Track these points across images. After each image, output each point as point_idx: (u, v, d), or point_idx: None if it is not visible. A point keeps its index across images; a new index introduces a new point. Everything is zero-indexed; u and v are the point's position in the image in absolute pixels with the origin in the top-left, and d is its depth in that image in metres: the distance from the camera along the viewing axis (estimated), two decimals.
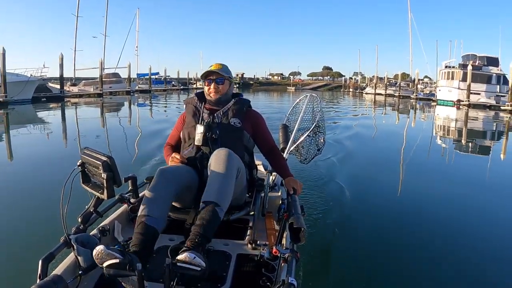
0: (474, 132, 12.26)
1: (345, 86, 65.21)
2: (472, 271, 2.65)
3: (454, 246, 3.06)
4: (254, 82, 75.48)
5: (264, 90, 60.73)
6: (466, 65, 25.16)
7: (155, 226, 1.57)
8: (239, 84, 65.28)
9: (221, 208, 1.62)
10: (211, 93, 2.07)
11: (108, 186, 1.52)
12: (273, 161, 2.21)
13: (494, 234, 3.36)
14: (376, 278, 2.48)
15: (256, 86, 70.78)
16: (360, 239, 3.06)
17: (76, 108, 19.11)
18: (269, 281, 1.54)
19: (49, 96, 23.94)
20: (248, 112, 2.14)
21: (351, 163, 6.03)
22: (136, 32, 42.98)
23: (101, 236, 1.76)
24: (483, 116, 18.01)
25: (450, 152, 8.22)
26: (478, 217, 3.85)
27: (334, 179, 4.80)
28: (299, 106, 3.63)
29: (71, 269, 1.50)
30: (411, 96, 33.81)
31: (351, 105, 25.96)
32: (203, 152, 1.97)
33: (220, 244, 1.87)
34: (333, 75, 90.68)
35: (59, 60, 24.71)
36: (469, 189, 4.83)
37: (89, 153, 1.61)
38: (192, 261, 1.32)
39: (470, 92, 24.31)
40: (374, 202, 4.10)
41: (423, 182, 5.10)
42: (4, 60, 18.79)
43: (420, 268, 2.63)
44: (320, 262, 2.59)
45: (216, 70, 2.06)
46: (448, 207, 4.06)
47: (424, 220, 3.62)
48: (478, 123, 15.13)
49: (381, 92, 41.19)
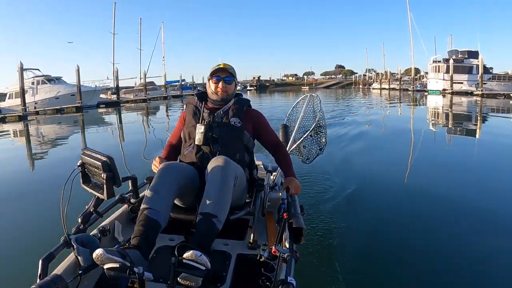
0: (453, 113, 15.62)
1: (356, 83, 69.51)
2: (482, 273, 2.55)
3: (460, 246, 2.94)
4: (270, 84, 79.14)
5: (279, 90, 62.53)
6: (449, 59, 29.66)
7: (157, 219, 1.58)
8: (257, 87, 69.26)
9: (219, 219, 1.60)
10: (218, 92, 2.03)
11: (108, 186, 1.53)
12: (279, 158, 2.17)
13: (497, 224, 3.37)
14: (377, 278, 2.46)
15: (272, 88, 74.07)
16: (361, 239, 3.02)
17: (136, 111, 24.25)
18: (269, 281, 1.56)
19: (108, 102, 29.81)
20: (248, 111, 2.10)
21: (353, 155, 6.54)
22: (162, 44, 47.79)
23: (101, 236, 1.77)
24: (461, 100, 22.59)
25: (424, 128, 10.56)
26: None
27: (335, 173, 4.96)
28: (299, 106, 3.61)
29: (71, 269, 1.50)
30: (409, 88, 38.34)
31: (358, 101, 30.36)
32: (204, 152, 1.96)
33: (220, 244, 1.86)
34: (346, 73, 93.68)
35: (115, 73, 30.80)
36: (452, 168, 5.47)
37: (89, 154, 1.61)
38: (198, 259, 1.33)
39: (453, 82, 28.77)
40: (374, 201, 4.06)
41: (422, 176, 5.14)
42: (78, 75, 24.67)
43: (420, 268, 2.58)
44: (319, 262, 2.56)
45: (226, 68, 2.04)
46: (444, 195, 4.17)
47: (426, 219, 3.53)
48: (457, 106, 19.13)
49: (385, 87, 45.86)
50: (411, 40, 43.80)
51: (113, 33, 37.42)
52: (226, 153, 1.89)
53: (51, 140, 11.09)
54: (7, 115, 18.78)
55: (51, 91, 25.09)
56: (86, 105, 24.71)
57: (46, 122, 17.28)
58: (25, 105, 20.12)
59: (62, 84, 25.98)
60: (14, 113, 19.58)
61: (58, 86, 25.47)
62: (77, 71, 24.71)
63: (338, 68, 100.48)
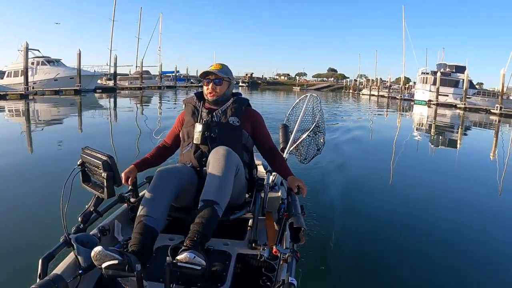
0: (436, 124, 16.37)
1: (346, 87, 70.95)
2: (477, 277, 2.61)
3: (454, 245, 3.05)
4: (262, 82, 79.04)
5: (271, 89, 63.11)
6: (436, 72, 31.09)
7: (154, 226, 1.58)
8: (248, 83, 69.77)
9: (220, 206, 1.61)
10: (209, 93, 2.05)
11: (108, 186, 1.53)
12: (273, 162, 2.17)
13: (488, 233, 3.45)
14: (377, 278, 2.46)
15: (264, 86, 74.04)
16: (361, 239, 3.03)
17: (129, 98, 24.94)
18: (269, 280, 1.56)
19: (104, 87, 30.19)
20: (247, 111, 2.11)
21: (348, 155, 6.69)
22: (159, 34, 48.85)
23: (101, 235, 1.76)
24: (445, 112, 23.63)
25: (408, 133, 11.58)
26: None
27: (335, 173, 4.98)
28: (299, 106, 3.61)
29: (71, 269, 1.50)
30: (397, 97, 39.84)
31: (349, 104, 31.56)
32: (202, 151, 1.96)
33: (220, 244, 1.86)
34: (338, 76, 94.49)
35: (114, 60, 31.28)
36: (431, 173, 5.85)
37: (89, 153, 1.61)
38: (192, 260, 1.32)
39: (438, 94, 30.21)
40: (375, 200, 4.07)
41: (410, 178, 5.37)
42: (79, 59, 25.06)
43: (419, 268, 2.61)
44: (320, 262, 2.56)
45: (215, 71, 2.03)
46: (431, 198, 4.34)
47: (427, 220, 3.58)
48: (441, 118, 20.05)
49: (375, 93, 47.38)
50: (403, 50, 45.54)
51: (113, 20, 37.76)
52: None
53: (54, 122, 11.48)
54: (8, 93, 19.17)
55: (50, 73, 25.43)
56: (84, 88, 25.13)
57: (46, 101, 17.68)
58: (27, 84, 20.47)
59: (61, 66, 26.34)
60: (16, 91, 19.97)
61: (58, 69, 25.82)
62: (78, 55, 25.14)
63: (331, 71, 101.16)
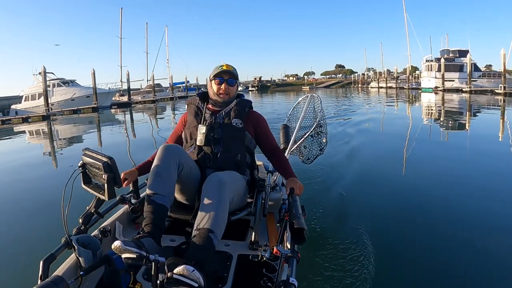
0: (443, 108, 16.88)
1: (355, 82, 71.20)
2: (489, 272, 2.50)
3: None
4: (271, 84, 79.80)
5: (280, 91, 63.03)
6: (440, 59, 31.32)
7: (163, 203, 1.64)
8: (258, 87, 70.45)
9: (215, 235, 1.57)
10: (221, 93, 2.02)
11: (109, 187, 1.54)
12: (276, 163, 2.16)
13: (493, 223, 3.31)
14: (377, 278, 2.42)
15: (273, 88, 74.60)
16: (363, 239, 2.95)
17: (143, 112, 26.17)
18: (270, 281, 1.55)
19: (119, 103, 31.59)
20: (250, 113, 2.10)
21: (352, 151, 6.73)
22: (166, 47, 50.23)
23: (102, 237, 1.76)
24: (452, 97, 23.91)
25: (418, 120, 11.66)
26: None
27: (336, 173, 4.95)
28: (300, 107, 3.60)
29: (72, 270, 1.50)
30: (405, 87, 40.05)
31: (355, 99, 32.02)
32: (205, 152, 1.96)
33: (221, 245, 1.85)
34: (346, 72, 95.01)
35: (126, 76, 32.82)
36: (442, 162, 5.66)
37: (90, 154, 1.61)
38: (190, 274, 1.28)
39: (444, 80, 30.42)
40: (376, 200, 4.03)
41: (420, 173, 5.11)
42: (94, 77, 26.47)
43: (424, 268, 2.57)
44: (321, 262, 2.55)
45: (230, 71, 2.02)
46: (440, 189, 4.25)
47: (429, 218, 3.46)
48: (450, 103, 20.18)
49: (383, 85, 47.64)
50: (407, 40, 45.57)
51: (120, 38, 39.42)
52: (227, 154, 1.96)
53: (82, 138, 12.26)
54: (31, 115, 20.56)
55: (66, 93, 26.88)
56: (101, 106, 26.49)
57: (67, 121, 18.73)
58: (48, 105, 21.86)
59: (76, 86, 27.79)
60: (38, 113, 21.38)
61: (74, 89, 27.27)
62: (92, 74, 26.52)
63: (338, 67, 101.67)
